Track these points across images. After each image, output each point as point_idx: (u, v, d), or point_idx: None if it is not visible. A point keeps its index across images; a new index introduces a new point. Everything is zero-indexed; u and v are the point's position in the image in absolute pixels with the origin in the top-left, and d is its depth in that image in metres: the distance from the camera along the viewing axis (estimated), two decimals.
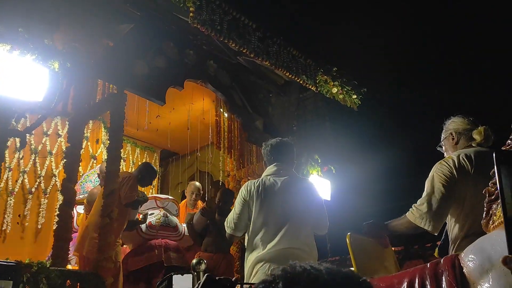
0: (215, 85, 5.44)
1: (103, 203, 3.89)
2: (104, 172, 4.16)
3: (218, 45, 5.24)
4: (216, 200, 4.76)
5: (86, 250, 4.01)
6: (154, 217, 4.91)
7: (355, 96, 5.90)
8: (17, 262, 2.82)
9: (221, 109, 6.15)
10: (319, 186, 5.41)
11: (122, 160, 6.42)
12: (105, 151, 4.31)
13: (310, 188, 3.24)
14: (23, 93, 3.57)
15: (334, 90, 5.74)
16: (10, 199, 5.67)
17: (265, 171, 3.25)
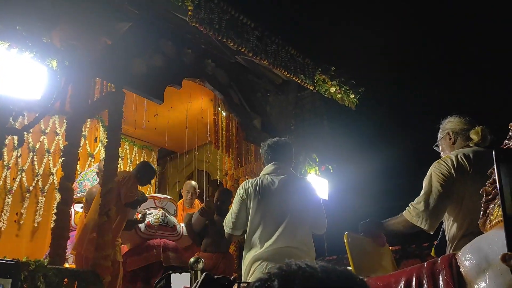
0: (213, 84, 5.44)
1: (101, 202, 3.89)
2: (103, 171, 4.16)
3: (217, 44, 5.23)
4: (215, 200, 4.76)
5: (85, 249, 4.01)
6: (153, 217, 4.90)
7: (353, 96, 5.91)
8: (16, 261, 2.82)
9: (219, 108, 6.15)
10: (317, 185, 5.42)
11: (120, 159, 6.42)
12: (103, 150, 4.31)
13: (308, 187, 3.25)
14: (21, 91, 3.57)
15: (332, 90, 5.75)
16: (8, 197, 5.66)
17: (263, 170, 3.26)
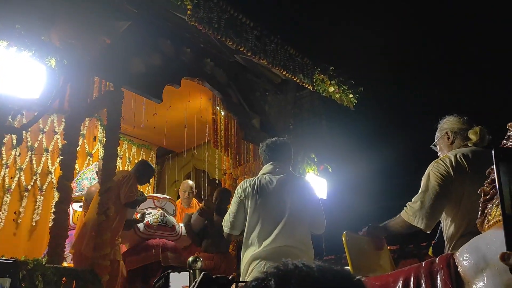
0: (212, 83, 5.44)
1: (99, 201, 3.89)
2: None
3: (215, 43, 5.23)
4: (213, 200, 4.76)
5: (84, 248, 4.00)
6: (152, 217, 4.90)
7: (352, 95, 5.91)
8: (15, 260, 2.82)
9: (218, 107, 6.15)
10: (315, 185, 5.42)
11: (119, 158, 6.42)
12: (102, 149, 4.30)
13: (307, 187, 3.25)
14: (20, 90, 3.57)
15: (331, 89, 5.76)
16: (7, 196, 5.66)
17: (262, 170, 3.26)
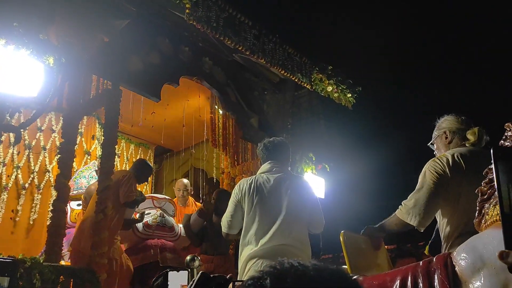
0: (211, 82, 5.43)
1: (97, 199, 3.89)
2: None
3: (214, 42, 5.23)
4: (212, 200, 4.74)
5: (82, 246, 4.00)
6: (151, 217, 4.89)
7: (350, 95, 5.92)
8: (14, 259, 2.82)
9: (216, 106, 6.14)
10: (313, 184, 5.43)
11: (117, 157, 6.41)
12: (100, 147, 4.30)
13: (305, 186, 3.25)
14: (18, 88, 3.56)
15: (329, 89, 5.76)
16: (4, 194, 5.64)
17: (260, 169, 3.27)
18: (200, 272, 1.24)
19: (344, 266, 2.50)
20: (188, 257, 3.91)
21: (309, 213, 3.13)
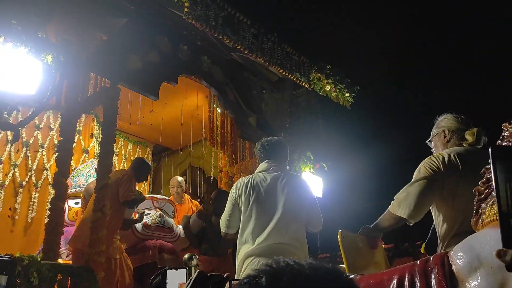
0: (209, 81, 5.43)
1: (95, 197, 3.89)
2: None
3: (212, 41, 5.23)
4: (211, 201, 4.73)
5: (82, 244, 4.00)
6: (150, 217, 4.89)
7: (348, 94, 5.92)
8: (12, 257, 2.81)
9: (215, 105, 6.14)
10: (311, 183, 5.43)
11: (115, 155, 6.40)
12: (98, 145, 4.29)
13: (302, 185, 3.26)
14: (16, 86, 3.56)
15: (327, 88, 5.77)
16: (0, 192, 5.64)
17: (257, 169, 3.28)
18: (198, 271, 1.25)
19: (342, 265, 2.51)
20: (186, 256, 3.90)
21: (307, 212, 3.13)
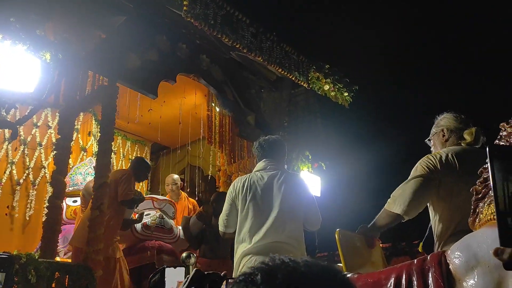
0: (208, 80, 5.43)
1: (93, 196, 3.89)
2: None
3: (211, 40, 5.22)
4: (210, 202, 4.73)
5: (82, 244, 4.00)
6: (150, 218, 4.89)
7: (347, 94, 5.92)
8: (10, 255, 2.81)
9: (213, 104, 6.14)
10: (309, 182, 5.43)
11: (113, 153, 6.40)
12: (96, 144, 4.29)
13: (300, 183, 3.26)
14: (14, 84, 3.55)
15: (326, 87, 5.77)
16: None
17: (255, 168, 3.28)
18: (195, 269, 1.25)
19: (340, 264, 2.51)
20: (184, 254, 3.90)
21: (305, 211, 3.13)
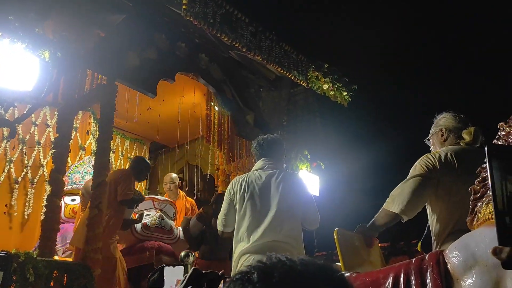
0: (207, 79, 5.43)
1: (92, 194, 3.89)
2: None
3: (211, 39, 5.22)
4: (210, 203, 4.72)
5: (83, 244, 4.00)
6: (150, 218, 4.89)
7: (346, 93, 5.93)
8: (8, 253, 2.81)
9: (212, 103, 6.14)
10: (308, 182, 5.43)
11: (112, 152, 6.39)
12: (95, 143, 4.28)
13: (298, 183, 3.25)
14: (13, 82, 3.55)
15: (325, 87, 5.77)
16: None
17: (254, 167, 3.29)
18: (192, 268, 1.25)
19: (338, 263, 2.51)
20: (183, 253, 3.91)
21: (303, 210, 3.13)
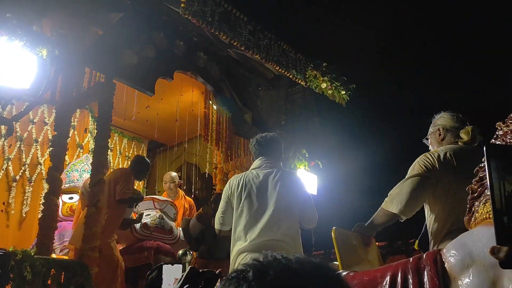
0: (205, 77, 5.42)
1: (90, 193, 3.88)
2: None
3: (209, 37, 5.22)
4: (210, 203, 4.71)
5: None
6: (150, 218, 4.88)
7: (344, 92, 5.93)
8: (6, 251, 2.80)
9: (210, 101, 6.13)
10: (306, 181, 5.44)
11: (110, 150, 6.38)
12: (92, 141, 4.28)
13: (296, 181, 3.26)
14: (10, 80, 3.54)
15: (323, 85, 5.77)
16: None
17: (252, 165, 3.29)
18: (190, 267, 1.25)
19: (336, 262, 2.52)
20: (180, 252, 3.91)
21: (301, 208, 3.13)
